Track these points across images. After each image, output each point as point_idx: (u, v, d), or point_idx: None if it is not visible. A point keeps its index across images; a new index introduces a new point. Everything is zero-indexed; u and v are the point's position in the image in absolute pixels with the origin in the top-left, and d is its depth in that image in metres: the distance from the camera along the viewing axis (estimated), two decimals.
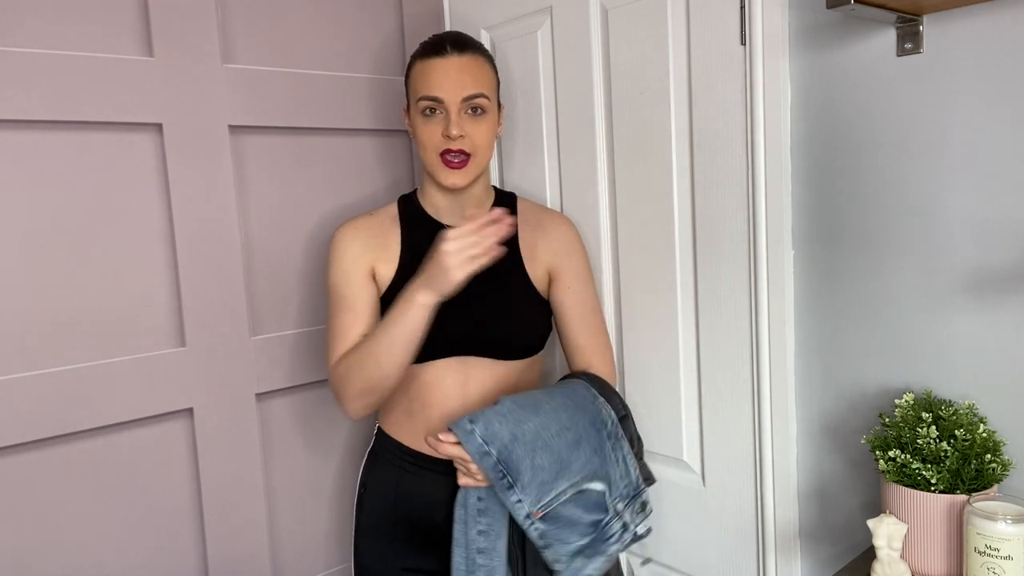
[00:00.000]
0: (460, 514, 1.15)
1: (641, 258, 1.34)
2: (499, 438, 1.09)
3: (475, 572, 1.14)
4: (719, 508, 1.28)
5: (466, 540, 1.14)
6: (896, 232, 1.04)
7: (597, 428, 1.18)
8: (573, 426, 1.15)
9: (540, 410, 1.14)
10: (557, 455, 1.12)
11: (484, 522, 1.14)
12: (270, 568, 1.47)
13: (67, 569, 1.26)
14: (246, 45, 1.42)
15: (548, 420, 1.13)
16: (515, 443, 1.09)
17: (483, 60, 1.26)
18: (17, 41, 1.18)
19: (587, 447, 1.15)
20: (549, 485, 1.11)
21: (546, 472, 1.11)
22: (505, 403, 1.13)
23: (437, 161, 1.23)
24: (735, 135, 1.17)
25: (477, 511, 1.15)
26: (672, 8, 1.23)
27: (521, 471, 1.09)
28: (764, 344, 1.17)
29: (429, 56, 1.22)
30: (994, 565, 0.83)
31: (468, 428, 1.09)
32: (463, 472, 1.13)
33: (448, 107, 1.20)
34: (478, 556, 1.14)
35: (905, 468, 0.94)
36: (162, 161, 1.32)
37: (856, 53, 1.05)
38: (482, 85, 1.23)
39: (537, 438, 1.11)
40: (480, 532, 1.14)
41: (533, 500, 1.10)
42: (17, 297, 1.20)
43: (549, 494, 1.11)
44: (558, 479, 1.12)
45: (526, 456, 1.09)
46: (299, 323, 1.50)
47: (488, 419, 1.10)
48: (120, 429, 1.30)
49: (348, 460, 1.59)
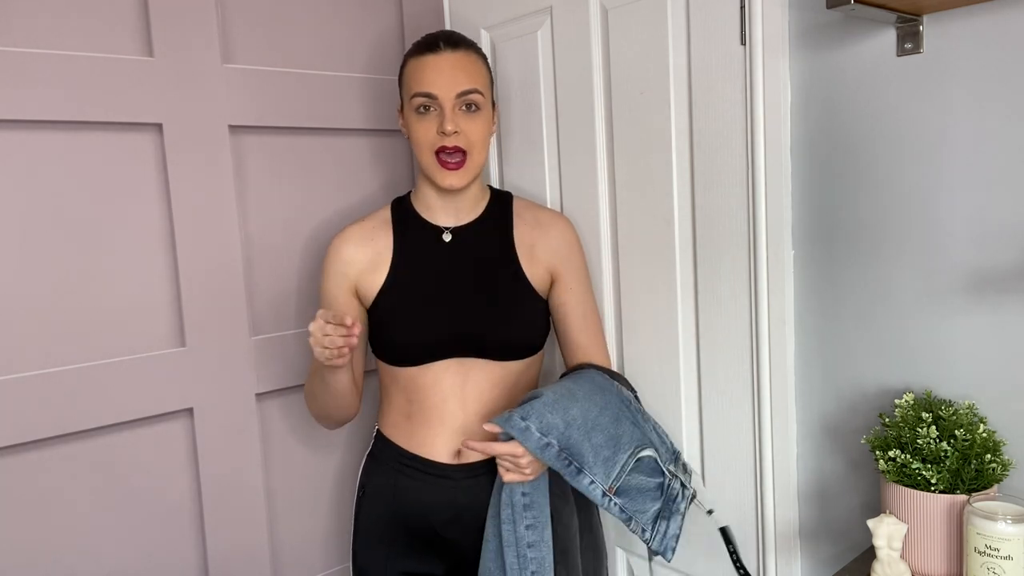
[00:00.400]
0: (507, 514, 1.16)
1: (641, 258, 1.34)
2: (555, 428, 1.10)
3: (527, 567, 1.15)
4: (719, 508, 1.28)
5: (515, 538, 1.15)
6: (896, 232, 1.04)
7: (625, 404, 1.22)
8: (608, 405, 1.19)
9: (576, 396, 1.16)
10: (608, 432, 1.15)
11: (530, 516, 1.16)
12: (270, 568, 1.47)
13: (67, 569, 1.26)
14: (246, 45, 1.42)
15: (588, 404, 1.16)
16: (570, 429, 1.11)
17: (476, 57, 1.25)
18: (17, 41, 1.18)
19: (626, 421, 1.20)
20: (612, 460, 1.14)
21: (606, 449, 1.14)
22: (546, 394, 1.14)
23: (433, 162, 1.22)
24: (735, 135, 1.17)
25: (523, 506, 1.16)
26: (672, 8, 1.23)
27: (584, 454, 1.12)
28: (764, 344, 1.17)
29: (422, 53, 1.22)
30: (994, 565, 0.83)
31: (523, 425, 1.09)
32: (509, 469, 1.13)
33: (442, 103, 1.20)
34: (528, 551, 1.15)
35: (905, 468, 0.94)
36: (162, 161, 1.32)
37: (856, 53, 1.05)
38: (476, 81, 1.22)
39: (586, 421, 1.14)
40: (528, 527, 1.16)
41: (603, 477, 1.13)
42: (17, 297, 1.20)
43: (615, 468, 1.14)
44: (617, 453, 1.15)
45: (583, 439, 1.12)
46: (299, 323, 1.50)
47: (539, 412, 1.11)
48: (120, 429, 1.30)
49: (348, 460, 1.59)
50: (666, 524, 1.19)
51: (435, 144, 1.21)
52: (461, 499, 1.25)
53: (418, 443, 1.27)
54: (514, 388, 1.29)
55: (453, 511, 1.26)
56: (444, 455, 1.26)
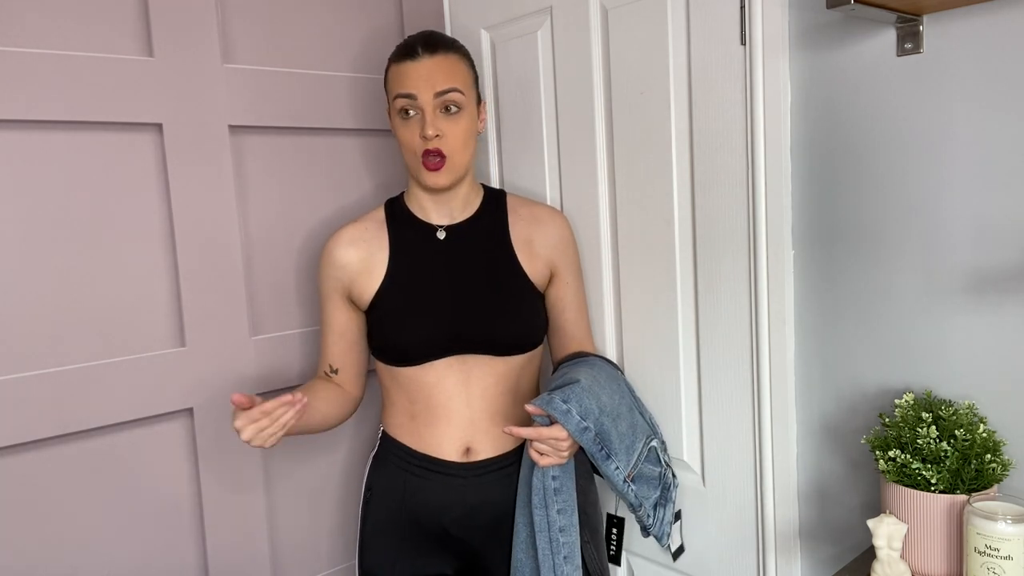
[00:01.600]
0: (539, 499, 1.18)
1: (641, 258, 1.34)
2: (592, 413, 1.13)
3: (559, 552, 1.17)
4: (719, 508, 1.28)
5: (547, 523, 1.18)
6: (896, 232, 1.04)
7: (631, 393, 1.30)
8: (622, 393, 1.25)
9: (600, 383, 1.20)
10: (627, 421, 1.22)
11: (560, 500, 1.18)
12: (270, 568, 1.47)
13: (67, 569, 1.26)
14: (246, 45, 1.42)
15: (611, 391, 1.21)
16: (603, 415, 1.15)
17: (456, 57, 1.25)
18: (17, 41, 1.18)
19: (636, 410, 1.27)
20: (632, 448, 1.20)
21: (628, 437, 1.20)
22: (583, 380, 1.17)
23: (418, 164, 1.23)
24: (735, 135, 1.17)
25: (554, 491, 1.18)
26: (672, 8, 1.23)
27: (612, 440, 1.16)
28: (764, 344, 1.17)
29: (402, 59, 1.23)
30: (994, 565, 0.83)
31: (564, 408, 1.11)
32: (545, 453, 1.13)
33: (422, 106, 1.20)
34: (560, 535, 1.18)
35: (905, 468, 0.94)
36: (162, 161, 1.32)
37: (856, 53, 1.05)
38: (454, 80, 1.22)
39: (612, 408, 1.19)
40: (559, 511, 1.18)
41: (625, 464, 1.18)
42: (17, 297, 1.20)
43: (633, 456, 1.20)
44: (635, 441, 1.22)
45: (612, 426, 1.16)
46: (299, 323, 1.50)
47: (579, 396, 1.13)
48: (120, 429, 1.30)
49: (350, 459, 1.59)
50: (663, 511, 1.26)
51: (419, 148, 1.22)
52: (471, 497, 1.26)
53: (425, 443, 1.27)
54: (517, 383, 1.29)
55: (463, 509, 1.26)
56: (452, 453, 1.26)
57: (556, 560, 1.16)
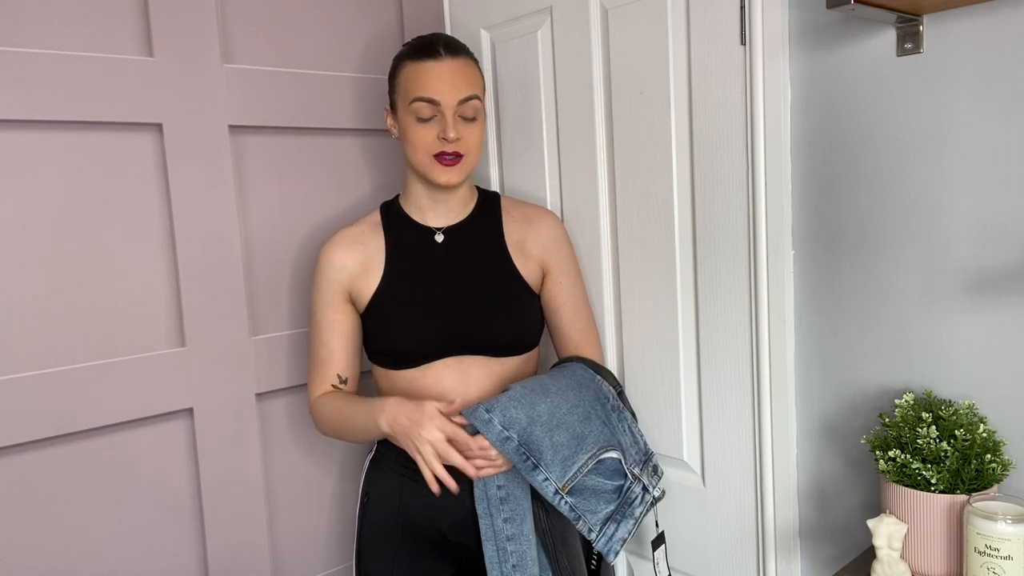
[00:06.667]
0: (482, 508, 1.17)
1: (641, 258, 1.34)
2: (517, 422, 1.12)
3: (507, 560, 1.16)
4: (719, 508, 1.28)
5: (494, 532, 1.17)
6: (896, 232, 1.04)
7: (601, 403, 1.24)
8: (581, 403, 1.20)
9: (549, 392, 1.18)
10: (573, 431, 1.17)
11: (507, 509, 1.17)
12: (270, 568, 1.47)
13: (67, 569, 1.26)
14: (246, 45, 1.42)
15: (558, 400, 1.18)
16: (533, 425, 1.13)
17: (473, 63, 1.27)
18: (17, 41, 1.18)
19: (596, 420, 1.21)
20: (571, 460, 1.15)
21: (566, 448, 1.15)
22: (515, 388, 1.17)
23: (430, 161, 1.23)
24: (735, 135, 1.17)
25: (499, 500, 1.17)
26: (672, 8, 1.23)
27: (543, 450, 1.13)
28: (764, 344, 1.17)
29: (422, 58, 1.22)
30: (994, 565, 0.83)
31: (486, 417, 1.11)
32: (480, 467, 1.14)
33: (444, 110, 1.21)
34: (508, 544, 1.17)
35: (905, 468, 0.94)
36: (162, 161, 1.32)
37: (856, 53, 1.05)
38: (474, 87, 1.24)
39: (552, 418, 1.15)
40: (505, 520, 1.17)
41: (559, 476, 1.14)
42: (17, 297, 1.20)
43: (572, 468, 1.15)
44: (578, 453, 1.16)
45: (545, 436, 1.14)
46: (299, 323, 1.50)
47: (504, 405, 1.13)
48: (120, 429, 1.30)
49: (348, 460, 1.59)
50: (615, 527, 1.18)
51: (434, 149, 1.22)
52: (468, 501, 1.25)
53: None
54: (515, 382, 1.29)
55: (461, 514, 1.26)
56: None
57: (504, 568, 1.16)
